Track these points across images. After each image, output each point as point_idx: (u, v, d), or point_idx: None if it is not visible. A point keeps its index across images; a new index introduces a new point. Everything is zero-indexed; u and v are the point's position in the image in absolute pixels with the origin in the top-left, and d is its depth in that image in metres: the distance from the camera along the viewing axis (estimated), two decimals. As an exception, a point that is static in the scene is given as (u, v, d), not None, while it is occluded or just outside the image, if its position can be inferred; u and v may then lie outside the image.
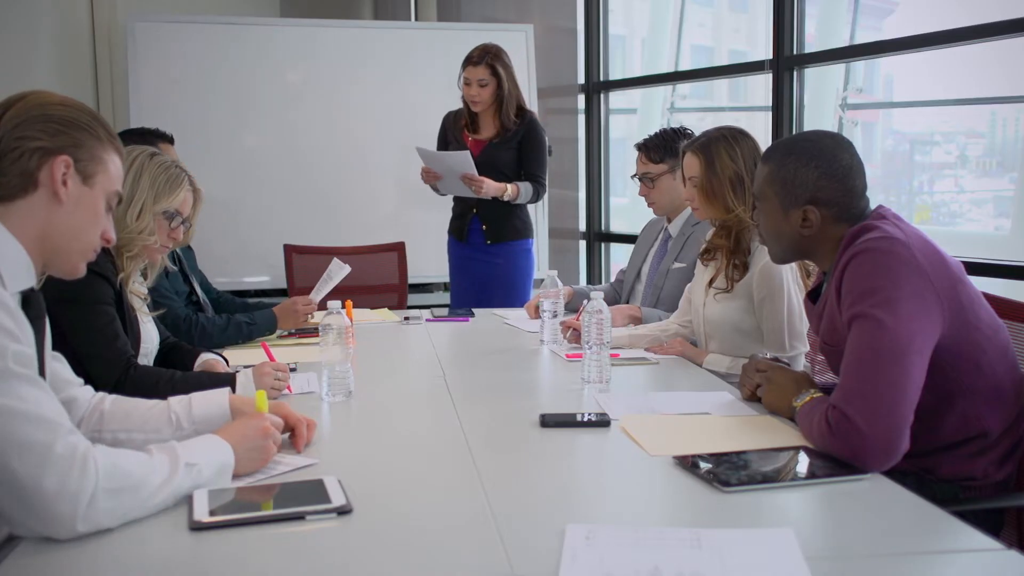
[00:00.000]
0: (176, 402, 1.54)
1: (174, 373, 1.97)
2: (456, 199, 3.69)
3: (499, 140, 3.53)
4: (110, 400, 1.53)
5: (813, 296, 1.82)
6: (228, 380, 1.88)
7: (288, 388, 1.96)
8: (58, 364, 1.47)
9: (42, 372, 1.29)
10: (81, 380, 1.53)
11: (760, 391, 1.80)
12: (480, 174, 3.47)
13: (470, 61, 3.47)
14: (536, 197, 3.59)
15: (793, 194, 1.67)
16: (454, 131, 3.64)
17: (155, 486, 1.22)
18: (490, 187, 3.45)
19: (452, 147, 3.61)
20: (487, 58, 3.45)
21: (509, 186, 3.48)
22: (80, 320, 1.88)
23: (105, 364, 1.88)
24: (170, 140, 2.84)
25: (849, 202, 1.66)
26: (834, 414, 1.47)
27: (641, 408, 1.81)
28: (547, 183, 3.63)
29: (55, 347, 1.84)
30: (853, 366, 1.50)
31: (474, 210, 3.60)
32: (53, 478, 1.11)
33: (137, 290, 2.13)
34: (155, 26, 4.22)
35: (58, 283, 1.86)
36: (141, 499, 1.20)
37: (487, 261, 3.61)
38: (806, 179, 1.66)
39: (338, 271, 2.76)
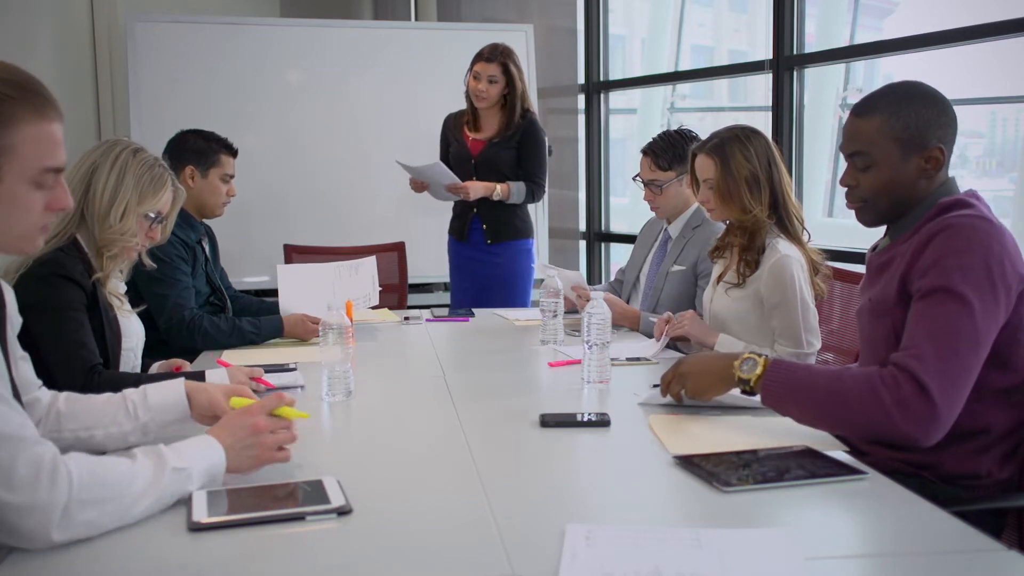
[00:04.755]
0: (132, 392, 1.52)
1: (139, 376, 1.98)
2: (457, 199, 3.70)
3: (498, 140, 3.53)
4: (63, 398, 1.50)
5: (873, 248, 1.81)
6: (197, 378, 1.85)
7: (265, 383, 1.95)
8: (25, 364, 1.44)
9: (8, 366, 1.26)
10: (40, 382, 1.50)
11: (684, 388, 1.74)
12: (479, 173, 3.49)
13: (482, 57, 3.49)
14: (532, 197, 3.58)
15: (919, 136, 1.63)
16: (455, 131, 3.64)
17: (136, 494, 1.19)
18: (477, 189, 3.46)
19: (453, 147, 3.62)
20: (500, 56, 3.47)
21: (498, 186, 3.48)
22: (46, 327, 1.88)
23: (68, 372, 1.87)
24: (233, 153, 2.81)
25: (953, 146, 1.67)
26: (906, 379, 1.44)
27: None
28: (546, 184, 3.62)
29: (29, 350, 1.84)
30: (934, 337, 1.47)
31: (474, 210, 3.60)
32: (20, 494, 1.09)
33: (116, 290, 2.10)
34: (155, 26, 4.22)
35: (26, 289, 1.87)
36: (122, 508, 1.17)
37: (487, 261, 3.61)
38: (928, 119, 1.63)
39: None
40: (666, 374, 1.78)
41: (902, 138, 1.64)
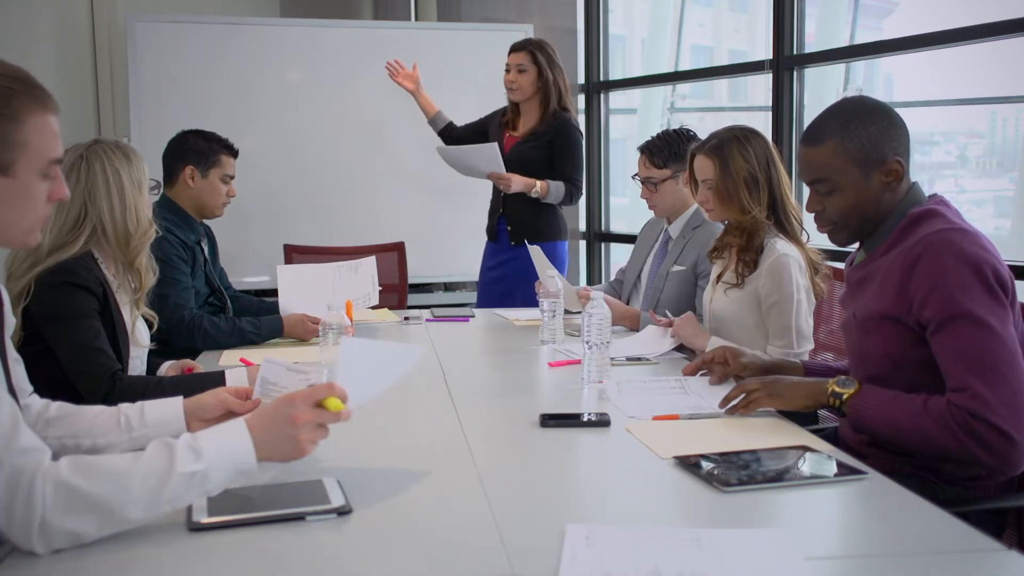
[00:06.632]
0: (127, 406, 1.47)
1: (160, 379, 1.99)
2: (491, 199, 3.71)
3: (528, 138, 3.53)
4: (55, 407, 1.46)
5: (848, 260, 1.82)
6: (216, 379, 1.87)
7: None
8: (19, 368, 1.42)
9: (5, 366, 1.25)
10: (31, 389, 1.47)
11: (764, 400, 1.73)
12: (508, 171, 3.48)
13: (512, 48, 3.53)
14: (569, 199, 3.56)
15: (874, 153, 1.64)
16: (495, 126, 3.67)
17: (127, 502, 1.13)
18: (518, 183, 3.44)
19: (491, 139, 3.63)
20: (529, 46, 3.49)
21: (538, 183, 3.46)
22: (64, 337, 1.91)
23: (91, 380, 1.89)
24: (234, 153, 2.79)
25: (910, 153, 1.67)
26: (979, 424, 1.45)
27: (653, 408, 1.80)
28: (583, 184, 3.61)
29: (45, 358, 1.83)
30: (977, 371, 1.47)
31: (500, 210, 3.62)
32: None
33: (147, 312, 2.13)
34: (155, 26, 4.21)
35: (41, 299, 1.88)
36: (110, 518, 1.12)
37: (511, 262, 3.60)
38: (879, 134, 1.64)
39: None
40: (750, 382, 1.77)
41: (859, 158, 1.65)
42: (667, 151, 2.77)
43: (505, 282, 3.62)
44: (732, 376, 1.97)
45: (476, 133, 3.77)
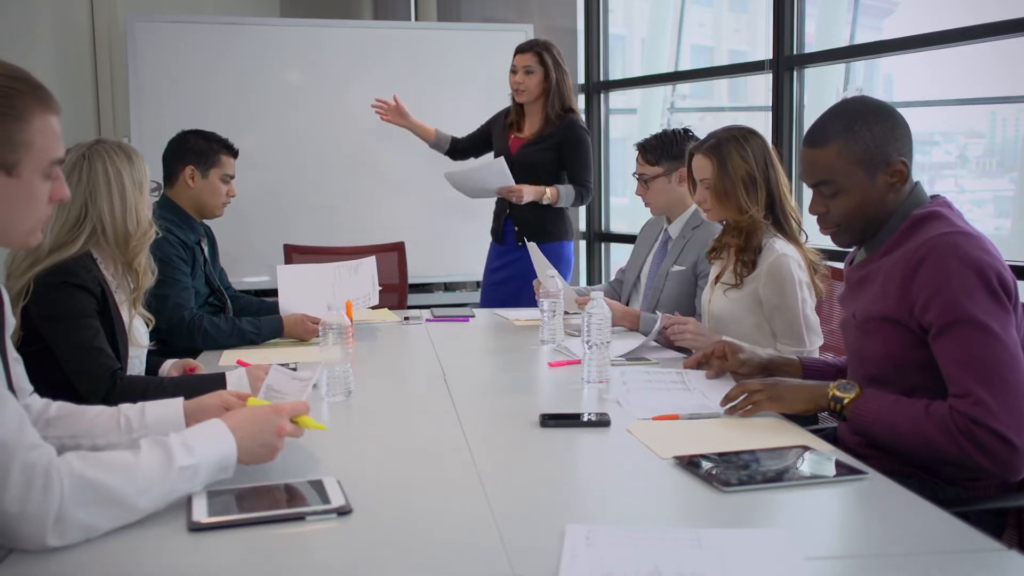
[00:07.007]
0: (128, 406, 1.49)
1: (161, 380, 1.99)
2: (496, 200, 3.71)
3: (535, 140, 3.52)
4: (55, 407, 1.48)
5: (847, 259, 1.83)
6: (217, 381, 1.86)
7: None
8: (19, 368, 1.43)
9: (6, 365, 1.26)
10: (31, 388, 1.48)
11: (764, 404, 1.73)
12: (515, 175, 3.46)
13: (518, 50, 3.51)
14: (580, 200, 3.57)
15: (879, 154, 1.63)
16: (500, 127, 3.65)
17: (137, 494, 1.17)
18: (529, 193, 3.43)
19: (495, 144, 3.64)
20: (536, 47, 3.48)
21: (548, 189, 3.46)
22: (64, 337, 1.91)
23: (91, 380, 1.90)
24: (234, 153, 2.79)
25: (912, 154, 1.67)
26: (981, 431, 1.46)
27: (652, 408, 1.80)
28: (592, 185, 3.60)
29: (45, 358, 1.82)
30: (979, 376, 1.48)
31: (507, 211, 3.61)
32: (12, 502, 1.08)
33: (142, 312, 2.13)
34: (155, 26, 4.21)
35: (40, 299, 1.88)
36: (122, 509, 1.16)
37: (515, 263, 3.59)
38: (884, 135, 1.63)
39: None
40: (751, 383, 1.76)
41: (864, 159, 1.64)
42: (661, 149, 2.78)
43: (511, 283, 3.62)
44: (730, 371, 1.98)
45: (480, 140, 3.77)
